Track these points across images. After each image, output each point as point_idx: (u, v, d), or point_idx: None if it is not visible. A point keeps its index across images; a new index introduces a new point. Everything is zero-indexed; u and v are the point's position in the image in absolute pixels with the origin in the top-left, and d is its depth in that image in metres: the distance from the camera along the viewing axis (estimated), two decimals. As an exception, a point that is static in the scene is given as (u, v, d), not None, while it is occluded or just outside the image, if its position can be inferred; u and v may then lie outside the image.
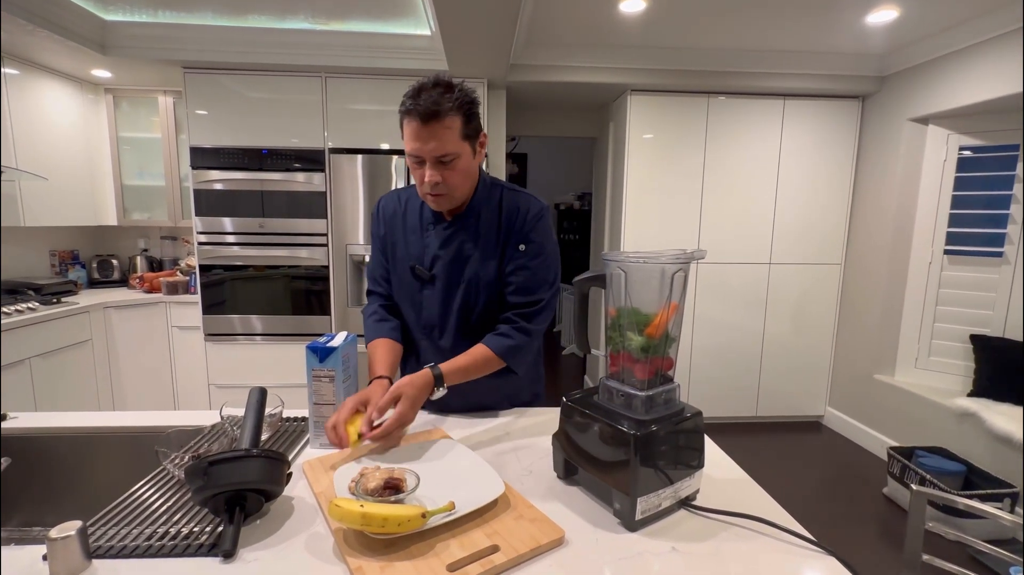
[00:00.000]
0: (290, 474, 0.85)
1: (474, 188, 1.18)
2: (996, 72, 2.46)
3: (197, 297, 2.98)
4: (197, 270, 2.95)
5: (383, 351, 1.19)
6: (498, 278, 1.19)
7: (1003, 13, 2.37)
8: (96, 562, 0.69)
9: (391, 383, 1.09)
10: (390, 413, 0.99)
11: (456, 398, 1.15)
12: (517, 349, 1.16)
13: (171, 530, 0.76)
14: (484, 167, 1.27)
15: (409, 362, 1.31)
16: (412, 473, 0.84)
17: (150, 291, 3.17)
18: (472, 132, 1.08)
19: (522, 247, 1.16)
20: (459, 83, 1.06)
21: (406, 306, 1.27)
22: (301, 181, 2.91)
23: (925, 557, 1.10)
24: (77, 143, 3.05)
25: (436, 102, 1.00)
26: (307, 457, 1.01)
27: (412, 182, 1.29)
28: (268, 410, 0.99)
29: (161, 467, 0.93)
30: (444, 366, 1.08)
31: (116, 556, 0.70)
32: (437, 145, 1.03)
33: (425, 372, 1.06)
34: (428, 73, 1.09)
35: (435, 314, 1.22)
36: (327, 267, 2.98)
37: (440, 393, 1.06)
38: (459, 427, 1.16)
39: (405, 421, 1.00)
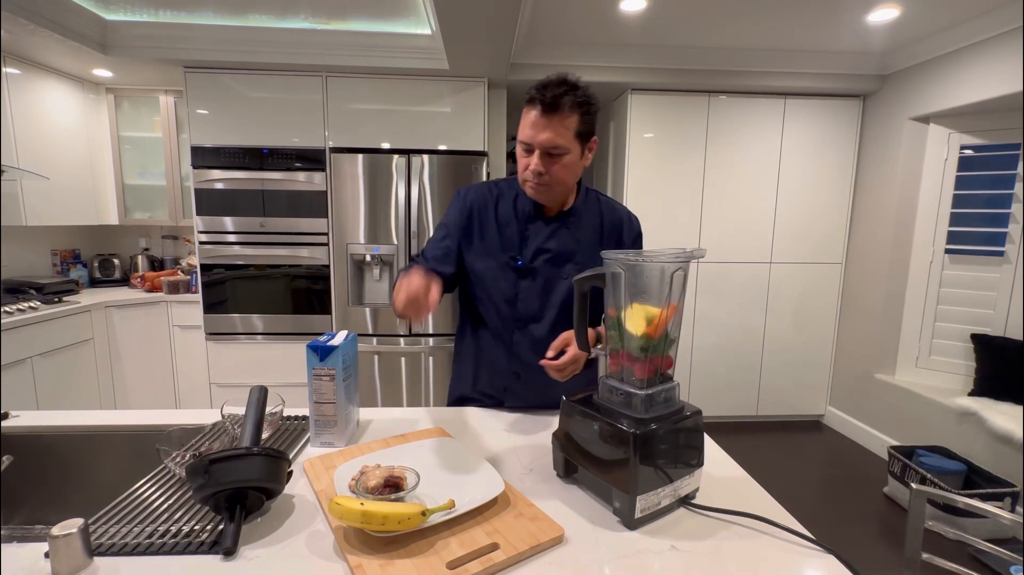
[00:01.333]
0: (291, 472, 0.85)
1: (575, 189, 1.24)
2: (997, 71, 2.45)
3: (198, 296, 2.98)
4: (198, 269, 2.95)
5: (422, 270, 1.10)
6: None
7: (1003, 12, 2.37)
8: (98, 560, 0.69)
9: (436, 275, 1.04)
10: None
11: (533, 392, 1.25)
12: None
13: (172, 528, 0.76)
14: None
15: (489, 357, 1.29)
16: (412, 471, 0.84)
17: (151, 290, 3.18)
18: (585, 134, 1.13)
19: None
20: (584, 85, 1.12)
21: (496, 299, 1.25)
22: (302, 180, 2.91)
23: (925, 556, 1.10)
24: (78, 142, 3.05)
25: (560, 96, 1.07)
26: (307, 455, 1.01)
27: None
28: (269, 409, 0.99)
29: (162, 465, 0.93)
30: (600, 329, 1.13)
31: (117, 554, 0.71)
32: (550, 137, 1.08)
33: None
34: (429, 72, 1.11)
35: (534, 306, 1.25)
36: (328, 266, 2.98)
37: (597, 351, 1.08)
38: (459, 426, 1.17)
39: (579, 361, 1.06)
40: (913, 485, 1.14)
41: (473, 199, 1.27)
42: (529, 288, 1.24)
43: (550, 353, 1.08)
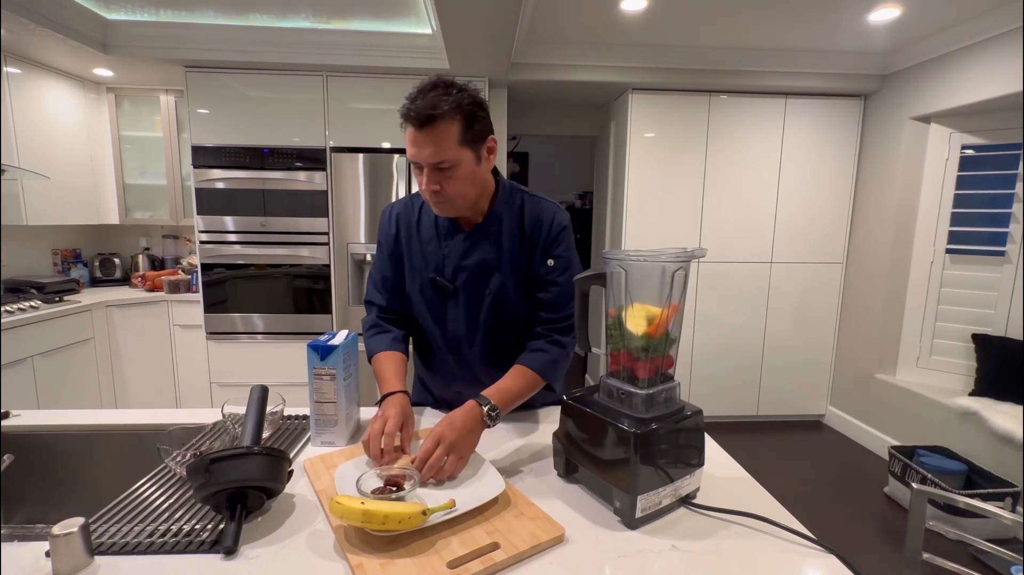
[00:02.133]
0: (291, 472, 0.85)
1: (491, 195, 1.13)
2: (998, 70, 2.45)
3: (199, 296, 2.98)
4: (199, 269, 2.95)
5: (391, 365, 1.15)
6: (526, 287, 1.15)
7: (1003, 12, 2.37)
8: (98, 559, 0.69)
9: (408, 396, 1.08)
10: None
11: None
12: (554, 363, 1.12)
13: (173, 527, 0.76)
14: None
15: (431, 376, 1.29)
16: (413, 471, 0.84)
17: (152, 290, 3.18)
18: (475, 137, 1.00)
19: (550, 262, 1.13)
20: (462, 83, 0.99)
21: (427, 321, 1.20)
22: (302, 180, 2.91)
23: (926, 556, 1.10)
24: (79, 142, 3.05)
25: (432, 105, 0.93)
26: (308, 455, 1.01)
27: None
28: (269, 408, 0.99)
29: (163, 464, 0.93)
30: (493, 395, 1.01)
31: (118, 553, 0.71)
32: (433, 151, 0.96)
33: (472, 407, 0.97)
34: (429, 72, 1.07)
35: (462, 328, 1.17)
36: (328, 266, 2.98)
37: (492, 426, 1.00)
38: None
39: (457, 444, 0.90)
40: (914, 485, 1.14)
41: (398, 217, 1.20)
42: (455, 309, 1.16)
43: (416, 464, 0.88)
